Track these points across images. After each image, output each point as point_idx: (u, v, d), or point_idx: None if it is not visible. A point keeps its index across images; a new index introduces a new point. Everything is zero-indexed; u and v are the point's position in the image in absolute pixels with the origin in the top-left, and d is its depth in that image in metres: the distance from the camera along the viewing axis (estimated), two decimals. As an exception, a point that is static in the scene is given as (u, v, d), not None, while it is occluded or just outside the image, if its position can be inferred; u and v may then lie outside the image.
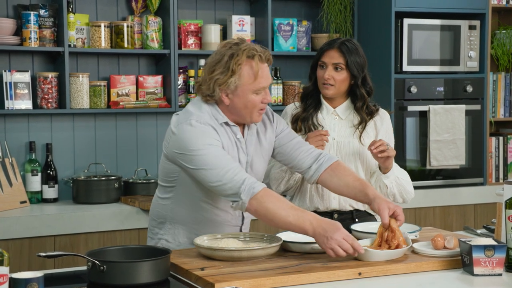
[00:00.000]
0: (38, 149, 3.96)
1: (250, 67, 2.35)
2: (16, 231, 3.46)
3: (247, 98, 2.37)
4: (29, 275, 1.84)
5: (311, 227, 2.20)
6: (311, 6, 4.57)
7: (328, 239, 2.17)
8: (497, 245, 2.15)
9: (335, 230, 2.18)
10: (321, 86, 2.81)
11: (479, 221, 4.40)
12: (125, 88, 4.06)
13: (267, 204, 2.22)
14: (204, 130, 2.33)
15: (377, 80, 2.88)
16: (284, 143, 2.58)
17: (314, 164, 2.54)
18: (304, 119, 2.83)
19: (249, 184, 2.23)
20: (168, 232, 2.50)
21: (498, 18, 4.80)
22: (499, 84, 4.65)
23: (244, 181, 2.23)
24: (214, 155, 2.29)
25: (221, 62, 2.35)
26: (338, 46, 2.78)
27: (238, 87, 2.35)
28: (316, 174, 2.53)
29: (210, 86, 2.36)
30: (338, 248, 2.16)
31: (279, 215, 2.22)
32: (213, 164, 2.27)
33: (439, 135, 4.30)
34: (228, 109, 2.41)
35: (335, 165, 2.54)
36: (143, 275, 2.01)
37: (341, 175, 2.52)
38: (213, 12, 4.36)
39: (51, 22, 3.88)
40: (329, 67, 2.78)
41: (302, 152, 2.56)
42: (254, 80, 2.35)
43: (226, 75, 2.33)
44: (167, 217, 2.50)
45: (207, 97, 2.40)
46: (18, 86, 3.83)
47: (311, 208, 2.82)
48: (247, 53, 2.34)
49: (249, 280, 2.01)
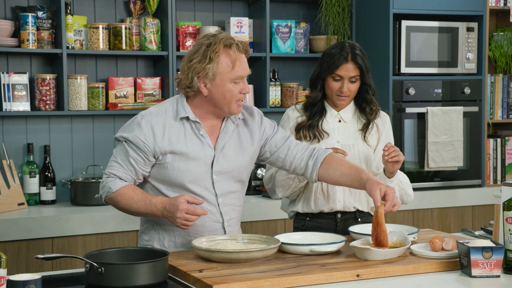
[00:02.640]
0: (36, 151, 3.96)
1: (228, 55, 2.38)
2: (14, 233, 3.46)
3: (225, 88, 2.39)
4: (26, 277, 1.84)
5: (159, 212, 2.35)
6: (309, 8, 4.58)
7: (175, 219, 2.30)
8: (495, 247, 2.15)
9: (175, 210, 2.29)
10: (335, 98, 2.78)
11: (477, 223, 4.40)
12: (123, 90, 4.06)
13: (118, 204, 2.41)
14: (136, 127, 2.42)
15: (375, 82, 2.88)
16: (279, 146, 2.58)
17: (310, 160, 2.56)
18: (310, 126, 2.82)
19: (108, 183, 2.41)
20: (154, 238, 2.50)
21: (496, 20, 4.80)
22: (497, 86, 4.66)
23: (107, 180, 2.42)
24: (121, 149, 2.43)
25: (199, 51, 2.40)
26: (352, 58, 2.74)
27: (216, 76, 2.38)
28: (314, 169, 2.54)
29: (189, 75, 2.40)
30: (186, 222, 2.29)
31: (131, 210, 2.40)
32: (115, 156, 2.45)
33: (437, 137, 4.30)
34: (206, 101, 2.43)
35: (329, 157, 2.56)
36: (141, 277, 2.01)
37: (336, 165, 2.54)
38: (211, 14, 4.37)
39: (49, 24, 3.88)
40: (346, 80, 2.75)
41: (299, 152, 2.57)
42: (232, 69, 2.38)
43: (204, 63, 2.37)
44: (151, 220, 2.51)
45: (186, 89, 2.43)
46: (16, 88, 3.83)
47: (316, 210, 2.81)
48: (224, 41, 2.39)
49: (247, 282, 2.01)
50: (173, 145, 2.41)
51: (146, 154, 2.41)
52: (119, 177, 2.42)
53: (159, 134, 2.41)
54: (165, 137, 2.41)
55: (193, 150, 2.42)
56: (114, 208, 2.46)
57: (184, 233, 2.46)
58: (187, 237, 2.46)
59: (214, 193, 2.46)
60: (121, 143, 2.45)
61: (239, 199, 2.56)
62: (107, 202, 2.45)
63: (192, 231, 2.46)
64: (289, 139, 2.61)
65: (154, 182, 2.46)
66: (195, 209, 2.29)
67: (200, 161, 2.43)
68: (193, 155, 2.42)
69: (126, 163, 2.42)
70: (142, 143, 2.40)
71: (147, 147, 2.40)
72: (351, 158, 2.79)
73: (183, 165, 2.41)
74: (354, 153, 2.80)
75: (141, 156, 2.41)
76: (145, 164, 2.43)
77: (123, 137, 2.44)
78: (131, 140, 2.41)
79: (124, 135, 2.43)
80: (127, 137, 2.42)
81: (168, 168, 2.42)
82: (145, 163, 2.42)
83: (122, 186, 2.40)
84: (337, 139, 2.81)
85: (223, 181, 2.47)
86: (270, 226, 3.92)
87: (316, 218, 2.83)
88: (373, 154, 2.82)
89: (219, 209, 2.48)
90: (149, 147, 2.40)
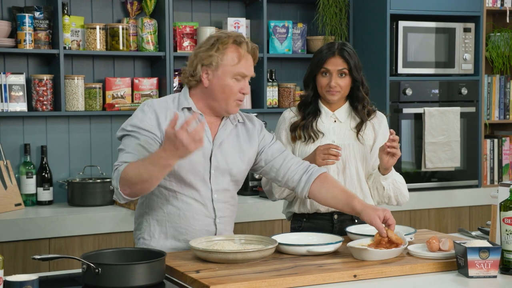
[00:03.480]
0: (33, 152, 3.96)
1: (236, 51, 2.41)
2: (11, 233, 3.45)
3: (225, 81, 2.40)
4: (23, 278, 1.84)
5: (163, 153, 2.15)
6: (306, 8, 4.58)
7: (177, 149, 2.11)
8: (492, 247, 2.16)
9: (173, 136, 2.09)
10: (326, 93, 2.80)
11: (474, 223, 4.40)
12: (120, 91, 4.06)
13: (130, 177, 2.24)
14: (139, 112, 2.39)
15: (372, 82, 2.89)
16: (276, 156, 2.58)
17: (304, 175, 2.54)
18: (304, 126, 2.82)
19: (118, 169, 2.28)
20: (145, 230, 2.49)
21: (493, 21, 4.81)
22: (494, 87, 4.67)
23: (117, 169, 2.29)
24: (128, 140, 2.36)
25: (208, 42, 2.42)
26: (339, 53, 2.77)
27: (219, 67, 2.39)
28: (307, 185, 2.53)
29: (194, 63, 2.42)
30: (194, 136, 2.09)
31: (143, 176, 2.21)
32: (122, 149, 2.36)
33: (434, 138, 4.31)
34: (206, 93, 2.43)
35: (323, 177, 2.55)
36: (138, 277, 2.00)
37: (329, 186, 2.52)
38: (209, 14, 4.37)
39: (46, 25, 3.87)
40: (334, 74, 2.77)
41: (293, 164, 2.56)
42: (237, 63, 2.40)
43: (210, 52, 2.38)
44: (144, 214, 2.51)
45: (189, 78, 2.44)
46: (13, 89, 3.82)
47: (312, 210, 2.82)
48: (235, 38, 2.41)
49: (244, 283, 2.01)
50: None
51: (156, 136, 2.38)
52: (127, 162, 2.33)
53: (162, 118, 2.40)
54: (167, 121, 2.38)
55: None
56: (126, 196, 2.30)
57: (176, 225, 2.45)
58: (178, 229, 2.46)
59: (210, 188, 2.46)
60: (126, 136, 2.40)
61: (233, 198, 2.56)
62: (122, 189, 2.29)
63: (183, 224, 2.45)
64: (286, 151, 2.61)
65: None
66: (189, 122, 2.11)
67: (199, 152, 2.40)
68: None
69: (136, 149, 2.34)
70: (149, 125, 2.38)
71: (155, 128, 2.38)
72: (346, 158, 2.79)
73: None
74: (350, 153, 2.80)
75: (152, 138, 2.36)
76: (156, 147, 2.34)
77: (130, 126, 2.38)
78: (139, 125, 2.37)
79: (130, 123, 2.39)
80: (134, 124, 2.38)
81: None
82: (156, 145, 2.35)
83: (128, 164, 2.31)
84: (333, 139, 2.82)
85: (220, 177, 2.47)
86: (267, 226, 3.92)
87: (312, 219, 2.84)
88: (369, 154, 2.82)
89: (213, 205, 2.47)
90: (156, 129, 2.37)
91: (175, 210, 2.46)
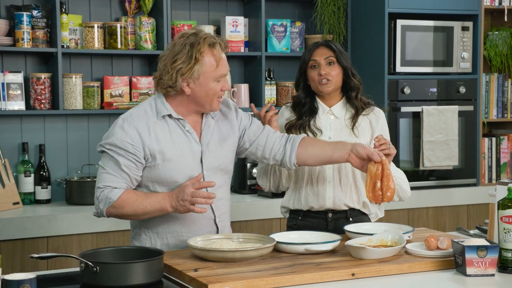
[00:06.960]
0: (31, 150, 3.95)
1: (212, 55, 2.40)
2: (9, 232, 3.45)
3: (208, 86, 2.40)
4: (21, 276, 1.83)
5: (168, 205, 2.34)
6: (304, 7, 4.58)
7: (183, 205, 2.30)
8: (489, 246, 2.16)
9: (180, 191, 2.30)
10: (318, 85, 2.82)
11: (472, 222, 4.41)
12: (118, 89, 4.06)
13: (124, 211, 2.36)
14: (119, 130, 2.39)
15: (370, 81, 2.90)
16: (258, 134, 2.61)
17: (287, 144, 2.59)
18: (300, 125, 2.83)
19: (106, 194, 2.36)
20: (145, 243, 2.49)
21: (491, 19, 4.81)
22: (492, 85, 4.67)
23: (103, 193, 2.37)
24: (109, 159, 2.39)
25: (182, 51, 2.38)
26: (324, 43, 2.86)
27: (201, 75, 2.39)
28: (293, 151, 2.57)
29: (173, 76, 2.39)
30: (193, 206, 2.30)
31: (137, 213, 2.37)
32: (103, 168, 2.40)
33: (432, 136, 4.31)
34: (187, 99, 2.43)
35: (305, 139, 2.62)
36: (136, 276, 2.00)
37: (314, 143, 2.60)
38: (207, 13, 4.36)
39: (44, 23, 3.87)
40: (322, 63, 2.81)
41: (277, 138, 2.61)
42: (216, 68, 2.40)
43: (190, 64, 2.37)
44: (141, 226, 2.50)
45: (168, 89, 2.42)
46: (11, 87, 3.82)
47: (306, 207, 2.83)
48: (208, 41, 2.40)
49: (242, 281, 2.02)
50: (161, 143, 2.40)
51: (137, 157, 2.38)
52: (114, 187, 2.38)
53: (145, 133, 2.39)
54: (151, 135, 2.39)
55: (180, 147, 2.43)
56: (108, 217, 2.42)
57: (177, 233, 2.46)
58: (180, 237, 2.46)
59: (205, 189, 2.46)
60: (106, 154, 2.40)
61: (227, 192, 2.59)
62: (109, 214, 2.39)
63: (185, 232, 2.45)
64: (266, 127, 2.65)
65: (147, 183, 2.44)
66: (200, 193, 2.30)
67: (189, 157, 2.43)
68: (181, 152, 2.42)
69: (118, 172, 2.38)
70: (130, 146, 2.37)
71: (136, 148, 2.37)
72: None
73: (173, 163, 2.41)
74: None
75: (133, 161, 2.38)
76: (138, 169, 2.40)
77: (108, 145, 2.38)
78: (118, 145, 2.37)
79: (109, 142, 2.39)
80: (113, 143, 2.38)
81: (159, 169, 2.41)
82: (137, 167, 2.39)
83: (122, 192, 2.36)
84: (329, 135, 2.82)
85: (213, 176, 2.48)
86: (265, 225, 3.92)
87: (307, 217, 2.85)
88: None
89: (211, 205, 2.48)
90: (138, 149, 2.37)
91: (175, 220, 2.46)
